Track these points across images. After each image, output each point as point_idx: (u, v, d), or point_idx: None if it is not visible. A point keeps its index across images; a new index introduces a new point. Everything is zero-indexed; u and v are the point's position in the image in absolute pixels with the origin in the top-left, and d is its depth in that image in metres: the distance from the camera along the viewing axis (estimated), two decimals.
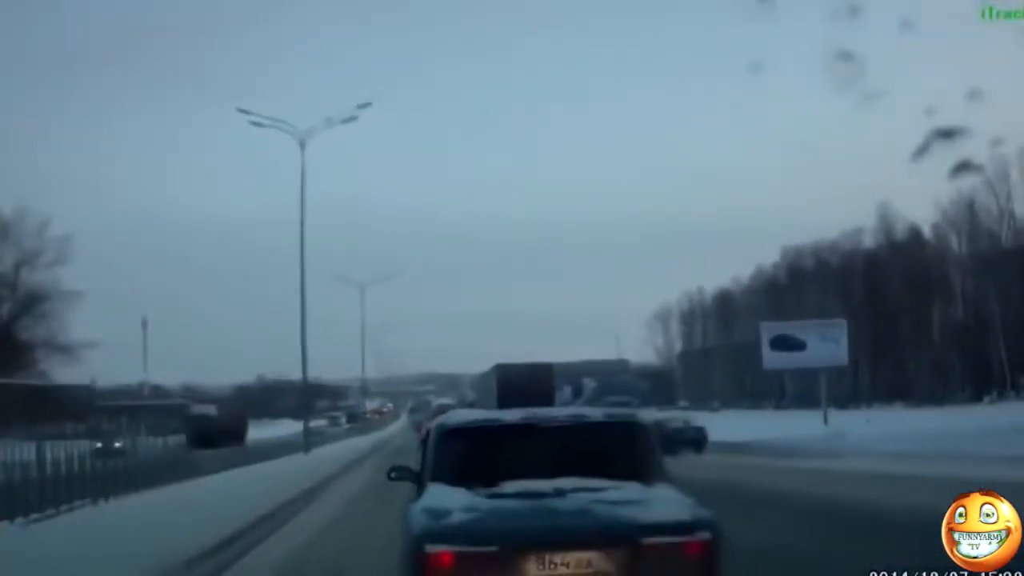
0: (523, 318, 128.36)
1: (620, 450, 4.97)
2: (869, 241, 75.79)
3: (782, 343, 49.73)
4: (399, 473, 5.78)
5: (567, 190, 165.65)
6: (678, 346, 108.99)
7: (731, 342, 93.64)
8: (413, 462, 5.89)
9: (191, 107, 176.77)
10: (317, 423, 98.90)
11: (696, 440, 29.83)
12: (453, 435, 5.11)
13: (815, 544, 9.71)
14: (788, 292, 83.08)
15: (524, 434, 5.02)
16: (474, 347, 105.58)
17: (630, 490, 4.56)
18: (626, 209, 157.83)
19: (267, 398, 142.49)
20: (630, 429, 5.18)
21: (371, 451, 38.40)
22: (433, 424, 5.51)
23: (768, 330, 52.05)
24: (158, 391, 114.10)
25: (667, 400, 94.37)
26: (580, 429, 5.15)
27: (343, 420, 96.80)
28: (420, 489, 5.02)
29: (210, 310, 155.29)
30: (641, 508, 4.36)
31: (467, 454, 4.94)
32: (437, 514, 4.35)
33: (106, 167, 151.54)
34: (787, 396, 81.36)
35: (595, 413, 5.82)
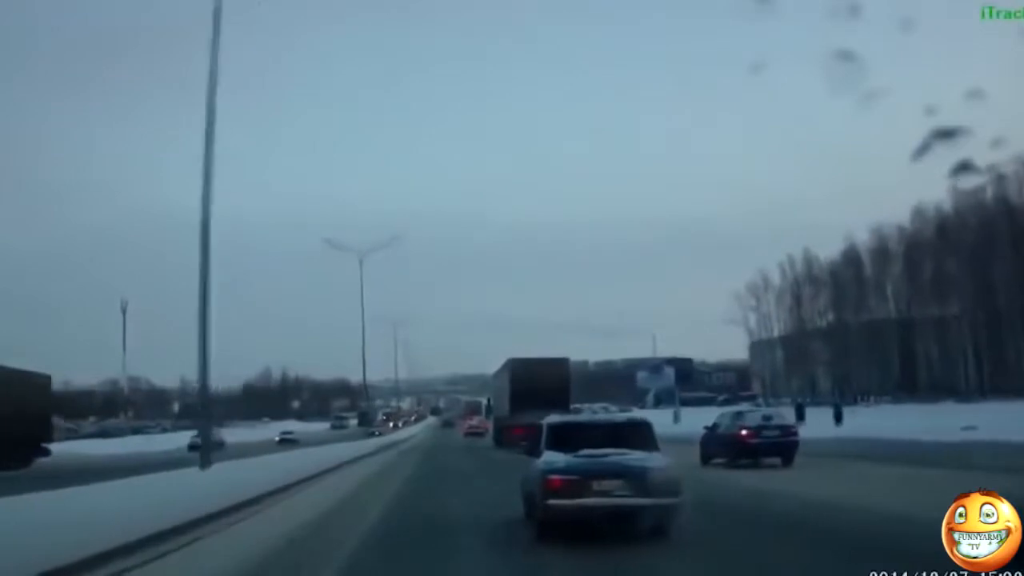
0: (556, 320, 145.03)
1: (635, 435, 11.31)
2: None
3: None
4: (523, 450, 13.14)
5: (582, 192, 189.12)
6: (775, 327, 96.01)
7: (871, 319, 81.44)
8: None
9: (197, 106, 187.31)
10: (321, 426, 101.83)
11: (778, 445, 24.23)
12: (556, 427, 11.76)
13: None
14: (956, 238, 70.19)
15: (589, 427, 12.36)
16: (505, 349, 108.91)
17: (639, 454, 10.74)
18: (634, 210, 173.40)
19: (282, 396, 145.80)
20: (641, 425, 11.83)
21: None
22: (544, 423, 12.00)
23: None
24: (135, 383, 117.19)
25: (749, 396, 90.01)
26: (615, 424, 12.63)
27: (351, 422, 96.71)
28: (538, 454, 11.29)
29: (222, 309, 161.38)
30: (644, 460, 10.54)
31: (562, 436, 11.38)
32: (551, 462, 10.67)
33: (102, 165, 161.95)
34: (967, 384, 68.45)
35: (621, 417, 16.51)
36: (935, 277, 74.11)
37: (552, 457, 10.81)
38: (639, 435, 11.22)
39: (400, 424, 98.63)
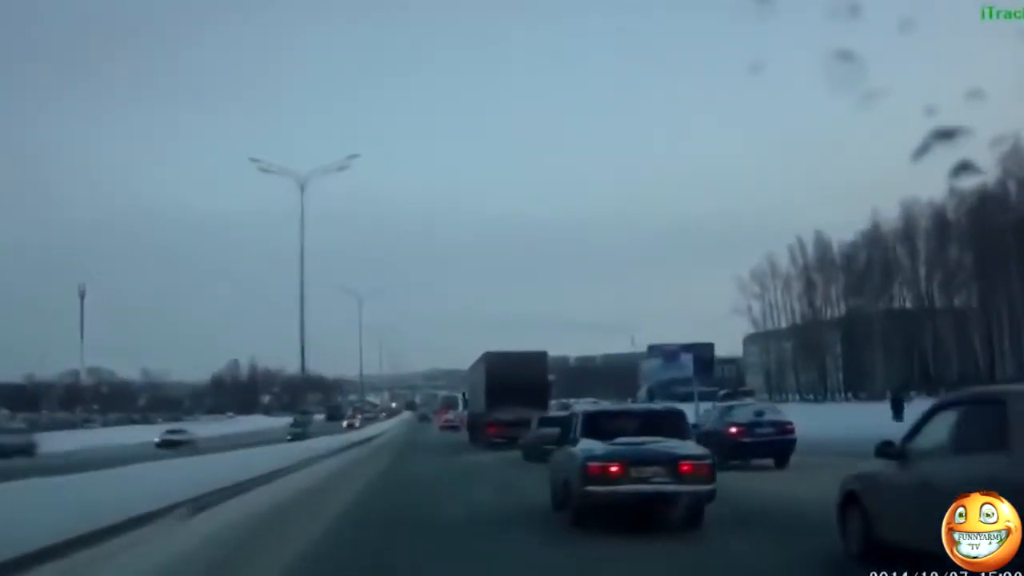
0: (537, 315, 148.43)
1: (668, 424, 12.05)
2: None
3: None
4: (557, 438, 14.14)
5: (574, 189, 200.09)
6: (782, 316, 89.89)
7: (891, 308, 77.47)
8: None
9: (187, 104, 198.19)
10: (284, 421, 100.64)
11: (772, 444, 22.46)
12: (592, 415, 12.76)
13: None
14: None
15: (625, 415, 13.65)
16: (485, 343, 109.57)
17: (674, 441, 11.45)
18: (626, 207, 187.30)
19: (251, 390, 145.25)
20: (675, 414, 12.57)
21: None
22: (580, 411, 13.20)
23: None
24: (97, 375, 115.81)
25: (745, 392, 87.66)
26: (649, 413, 13.63)
27: (318, 417, 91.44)
28: (575, 442, 11.94)
29: (195, 302, 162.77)
30: (679, 448, 11.28)
31: (598, 424, 12.24)
32: (588, 450, 11.31)
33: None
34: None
35: (658, 406, 20.29)
36: (969, 259, 69.44)
37: (589, 445, 11.47)
38: (673, 424, 12.07)
39: (357, 423, 78.20)
